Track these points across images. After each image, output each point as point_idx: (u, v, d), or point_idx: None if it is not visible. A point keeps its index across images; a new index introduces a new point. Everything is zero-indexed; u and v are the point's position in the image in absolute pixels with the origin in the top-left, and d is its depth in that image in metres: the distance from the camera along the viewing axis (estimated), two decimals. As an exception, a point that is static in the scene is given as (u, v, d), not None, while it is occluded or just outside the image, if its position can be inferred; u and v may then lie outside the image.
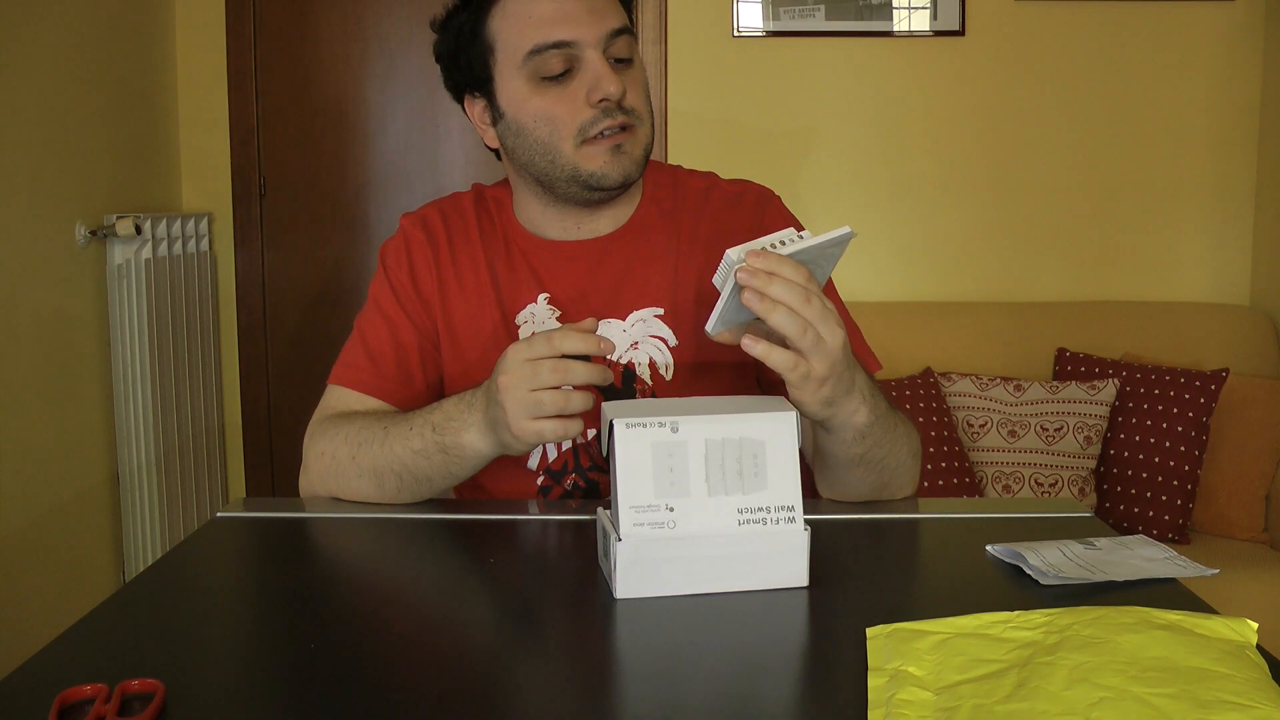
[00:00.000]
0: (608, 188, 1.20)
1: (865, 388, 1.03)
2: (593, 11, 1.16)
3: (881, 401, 1.06)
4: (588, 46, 1.16)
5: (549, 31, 1.16)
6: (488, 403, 1.05)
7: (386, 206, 3.24)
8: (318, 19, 3.19)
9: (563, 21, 1.16)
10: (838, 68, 3.09)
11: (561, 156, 1.19)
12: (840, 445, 1.06)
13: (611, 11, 1.18)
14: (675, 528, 0.90)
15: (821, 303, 0.93)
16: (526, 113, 1.19)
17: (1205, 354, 2.84)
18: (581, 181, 1.20)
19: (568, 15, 1.16)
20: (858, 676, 0.76)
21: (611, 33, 1.17)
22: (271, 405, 3.28)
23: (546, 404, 0.99)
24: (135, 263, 2.69)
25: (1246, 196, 3.09)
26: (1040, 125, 3.09)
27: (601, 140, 1.18)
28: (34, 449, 2.43)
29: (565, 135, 1.18)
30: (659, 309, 1.25)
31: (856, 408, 1.02)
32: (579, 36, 1.16)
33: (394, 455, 1.14)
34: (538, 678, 0.80)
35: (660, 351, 1.24)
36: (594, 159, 1.18)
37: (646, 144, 1.21)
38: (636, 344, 1.24)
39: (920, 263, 3.13)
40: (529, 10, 1.17)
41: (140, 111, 2.97)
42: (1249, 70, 3.05)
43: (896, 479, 1.14)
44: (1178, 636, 0.74)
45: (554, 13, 1.16)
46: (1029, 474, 2.66)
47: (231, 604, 0.99)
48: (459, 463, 1.12)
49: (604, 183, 1.19)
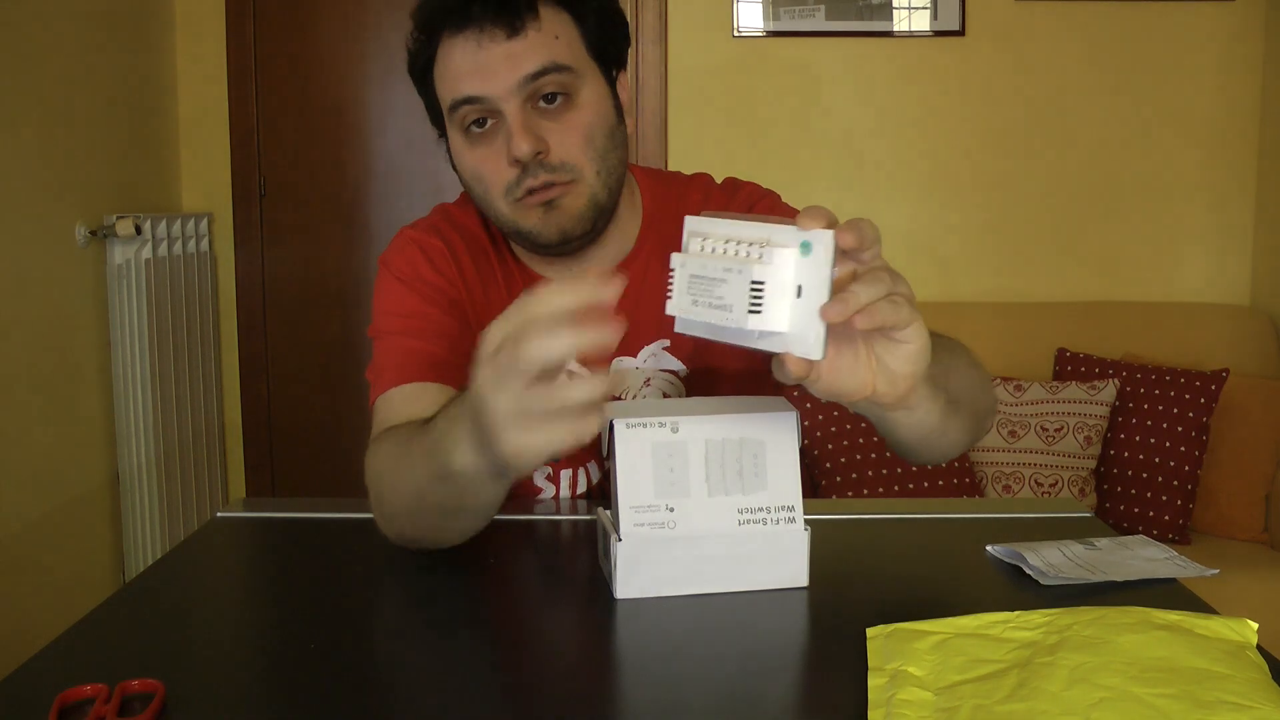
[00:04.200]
0: (546, 245, 1.11)
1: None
2: (509, 57, 1.05)
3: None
4: (502, 100, 1.06)
5: (460, 85, 1.07)
6: (475, 410, 0.79)
7: (386, 206, 3.24)
8: (318, 19, 3.19)
9: (474, 74, 1.06)
10: (838, 68, 3.09)
11: (499, 214, 1.11)
12: (925, 415, 0.86)
13: (535, 51, 1.06)
14: (675, 528, 0.90)
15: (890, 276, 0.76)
16: (464, 167, 1.12)
17: (1205, 354, 2.84)
18: (523, 237, 1.12)
19: (480, 67, 1.06)
20: (858, 676, 0.75)
21: (528, 77, 1.05)
22: (271, 405, 3.28)
23: (533, 405, 0.73)
24: (135, 263, 2.69)
25: (1246, 196, 3.09)
26: (1040, 125, 3.09)
27: (530, 199, 1.08)
28: (34, 449, 2.43)
29: (496, 194, 1.10)
30: (666, 340, 1.19)
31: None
32: (489, 91, 1.06)
33: (411, 490, 0.95)
34: (538, 677, 0.80)
35: (672, 384, 1.20)
36: (528, 217, 1.10)
37: (591, 194, 1.09)
38: (649, 380, 1.20)
39: (920, 263, 3.13)
40: (448, 63, 1.08)
41: (140, 111, 2.96)
42: (1249, 70, 3.05)
43: (983, 399, 1.01)
44: (1178, 637, 0.74)
45: (466, 65, 1.06)
46: (1029, 474, 2.66)
47: (231, 604, 0.99)
48: (471, 490, 0.89)
49: (540, 240, 1.11)
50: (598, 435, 0.77)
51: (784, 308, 0.71)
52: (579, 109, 1.08)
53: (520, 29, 1.05)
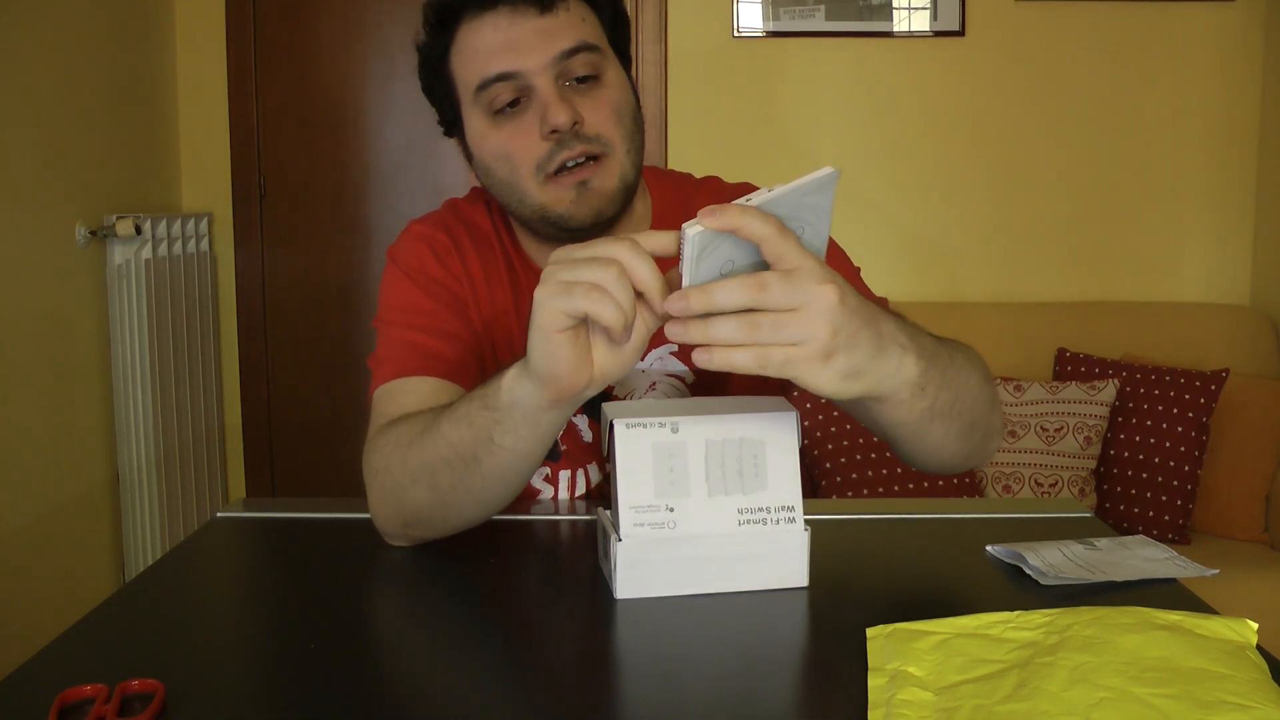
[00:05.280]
0: (577, 229, 1.09)
1: (900, 334, 0.83)
2: (542, 34, 1.06)
3: (926, 339, 0.88)
4: (535, 74, 1.06)
5: (492, 63, 1.06)
6: (527, 342, 0.83)
7: (386, 206, 3.24)
8: (318, 19, 3.19)
9: (506, 50, 1.06)
10: (838, 68, 3.09)
11: (528, 196, 1.09)
12: (901, 409, 0.86)
13: (566, 30, 1.07)
14: (675, 528, 0.90)
15: (799, 255, 0.75)
16: (487, 151, 1.11)
17: (1205, 354, 2.84)
18: (551, 222, 1.10)
19: (513, 43, 1.06)
20: (858, 676, 0.75)
21: (562, 54, 1.06)
22: (271, 405, 3.28)
23: (577, 290, 0.77)
24: (135, 263, 2.69)
25: (1246, 196, 3.09)
26: (1040, 125, 3.09)
27: (565, 176, 1.07)
28: (34, 449, 2.43)
29: (525, 173, 1.08)
30: (673, 345, 1.17)
31: (899, 362, 0.82)
32: (523, 66, 1.06)
33: (441, 438, 0.94)
34: (538, 678, 0.80)
35: (677, 389, 1.19)
36: (560, 199, 1.08)
37: (622, 172, 1.09)
38: (655, 384, 1.19)
39: (920, 263, 3.13)
40: (475, 43, 1.08)
41: (140, 111, 2.97)
42: (1249, 70, 3.05)
43: (981, 416, 0.97)
44: (1178, 637, 0.74)
45: (498, 42, 1.06)
46: (1029, 474, 2.66)
47: (231, 604, 0.99)
48: (502, 417, 0.89)
49: (571, 224, 1.09)
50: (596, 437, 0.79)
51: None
52: (608, 88, 1.09)
53: (551, 6, 1.07)
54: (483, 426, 0.91)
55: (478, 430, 0.91)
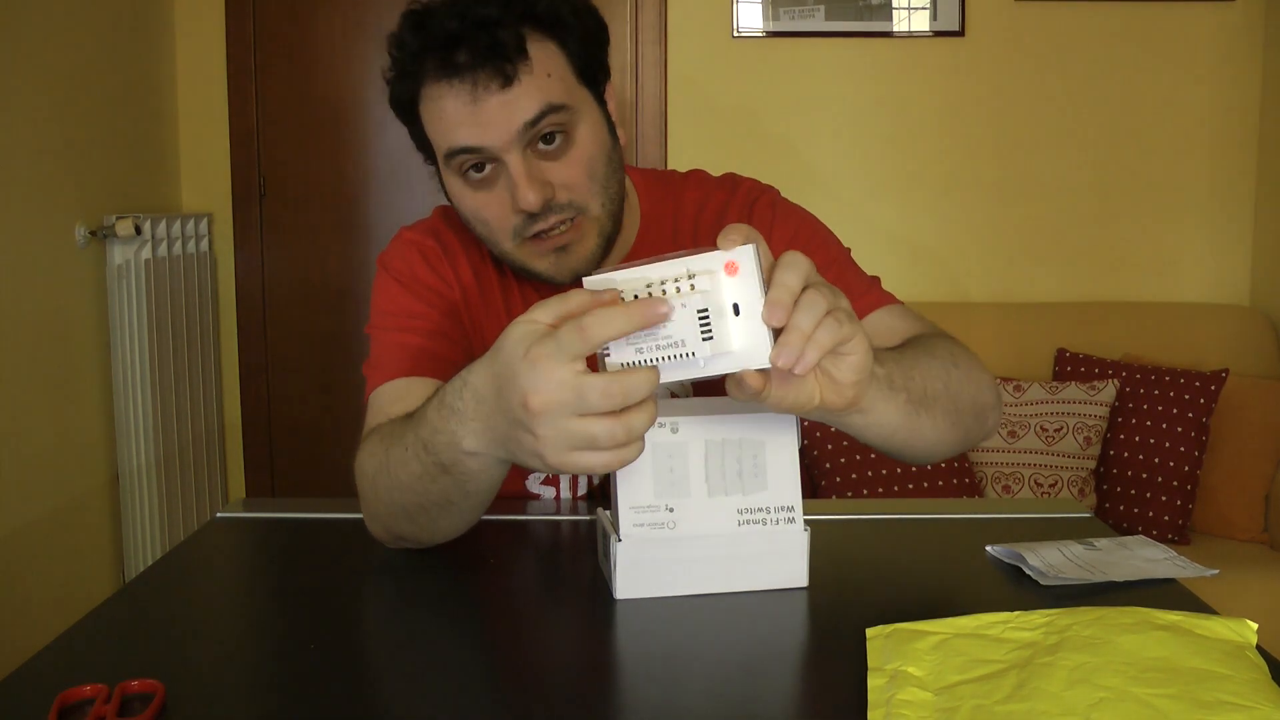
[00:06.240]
0: (559, 285, 1.08)
1: None
2: (506, 107, 1.02)
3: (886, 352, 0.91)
4: (502, 150, 1.03)
5: (458, 134, 1.04)
6: (506, 422, 0.78)
7: (386, 207, 3.24)
8: (318, 19, 3.19)
9: (469, 123, 1.03)
10: (838, 68, 3.09)
11: (506, 254, 1.10)
12: (888, 409, 0.88)
13: (532, 96, 1.02)
14: (675, 528, 0.90)
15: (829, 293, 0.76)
16: (464, 207, 1.10)
17: (1205, 354, 2.84)
18: (533, 275, 1.11)
19: (474, 117, 1.02)
20: (858, 676, 0.76)
21: (526, 125, 1.02)
22: (271, 405, 3.28)
23: (601, 438, 0.74)
24: (135, 263, 2.69)
25: (1246, 196, 3.09)
26: (1040, 126, 3.09)
27: (542, 241, 1.07)
28: (34, 449, 2.43)
29: (502, 237, 1.08)
30: None
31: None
32: (488, 142, 1.03)
33: (404, 486, 0.94)
34: (538, 678, 0.80)
35: (678, 389, 1.18)
36: (539, 260, 1.08)
37: (600, 228, 1.09)
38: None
39: (920, 263, 3.13)
40: (441, 108, 1.04)
41: (140, 111, 2.97)
42: (1249, 70, 3.05)
43: (966, 395, 0.99)
44: (1178, 637, 0.74)
45: (460, 114, 1.03)
46: (1029, 474, 2.66)
47: (231, 604, 0.99)
48: (473, 482, 0.89)
49: (553, 282, 1.09)
50: None
51: (728, 328, 0.74)
52: (578, 145, 1.07)
53: (513, 75, 1.02)
54: (453, 486, 0.90)
55: (446, 487, 0.91)
